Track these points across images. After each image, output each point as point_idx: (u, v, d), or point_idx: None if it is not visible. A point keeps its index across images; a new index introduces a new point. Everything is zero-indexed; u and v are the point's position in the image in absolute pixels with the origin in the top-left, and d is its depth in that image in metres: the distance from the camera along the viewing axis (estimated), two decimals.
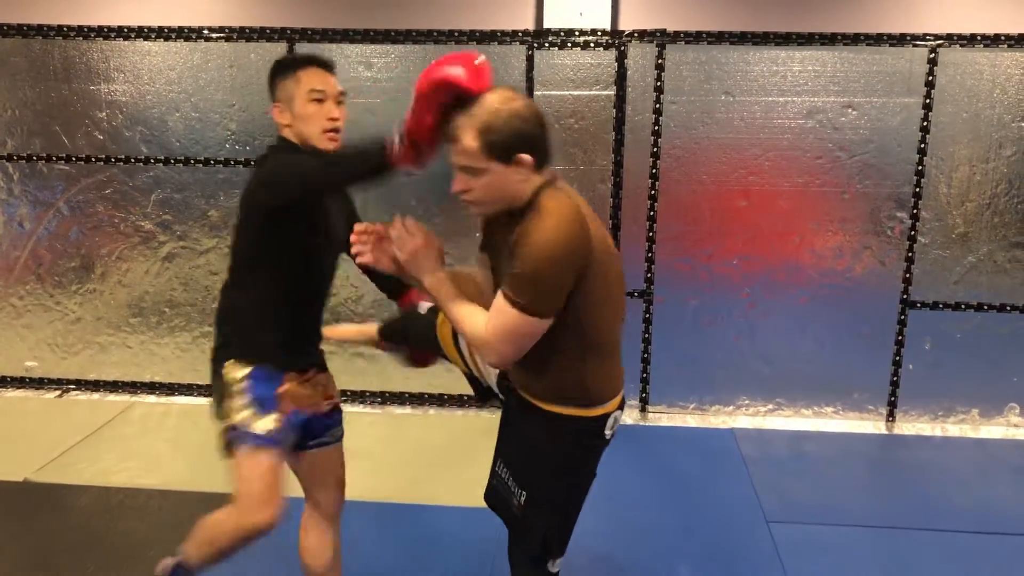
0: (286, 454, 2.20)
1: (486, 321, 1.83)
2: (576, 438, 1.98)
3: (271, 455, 2.11)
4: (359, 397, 4.58)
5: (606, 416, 1.98)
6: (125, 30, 4.31)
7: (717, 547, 3.22)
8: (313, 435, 2.32)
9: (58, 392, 4.67)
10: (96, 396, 4.63)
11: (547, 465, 1.99)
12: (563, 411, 1.94)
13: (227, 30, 4.29)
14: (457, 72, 1.75)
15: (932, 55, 4.05)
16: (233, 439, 2.13)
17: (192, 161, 4.39)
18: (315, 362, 2.35)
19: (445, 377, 4.51)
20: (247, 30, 4.28)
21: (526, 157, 1.78)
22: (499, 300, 1.81)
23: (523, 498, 1.99)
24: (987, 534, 3.34)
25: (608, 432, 1.99)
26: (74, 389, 4.69)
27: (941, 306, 4.27)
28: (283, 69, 2.25)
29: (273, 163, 2.17)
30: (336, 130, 2.20)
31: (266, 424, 2.11)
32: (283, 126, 2.24)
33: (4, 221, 4.54)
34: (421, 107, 1.79)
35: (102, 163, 4.43)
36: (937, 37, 4.05)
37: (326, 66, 2.24)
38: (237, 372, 2.15)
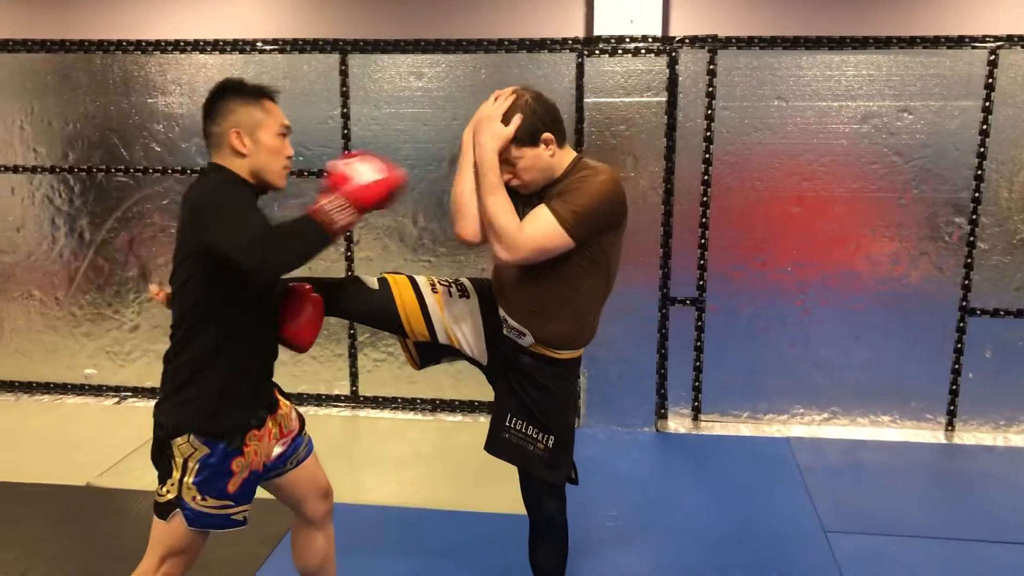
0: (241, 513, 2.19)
1: (521, 225, 2.14)
2: (575, 377, 2.43)
3: (201, 533, 2.14)
4: (410, 405, 4.61)
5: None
6: (181, 44, 4.40)
7: (775, 558, 3.17)
8: (272, 470, 2.29)
9: (116, 399, 4.76)
10: (153, 403, 4.69)
11: (566, 408, 2.40)
12: (568, 355, 2.34)
13: (280, 42, 4.36)
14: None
15: (992, 57, 3.97)
16: (171, 508, 2.10)
17: None
18: (269, 403, 2.25)
19: None
20: (300, 42, 4.34)
21: (548, 136, 2.19)
22: (544, 213, 2.14)
23: (551, 441, 2.34)
24: None
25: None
26: (131, 396, 4.77)
27: (1002, 313, 4.17)
28: (246, 93, 2.10)
29: (216, 201, 1.99)
30: (289, 167, 2.17)
31: (207, 506, 2.10)
32: (236, 153, 2.07)
33: (65, 232, 4.65)
34: (380, 194, 1.99)
35: (159, 174, 4.52)
36: (997, 39, 3.97)
37: (276, 101, 2.17)
38: (191, 450, 2.07)
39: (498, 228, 2.14)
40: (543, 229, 2.13)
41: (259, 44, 4.37)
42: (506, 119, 2.17)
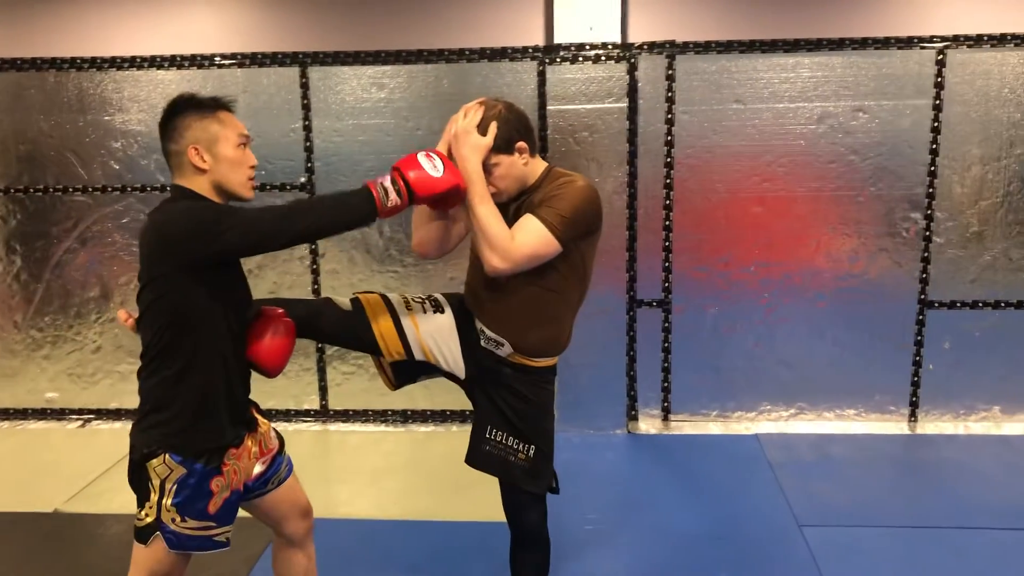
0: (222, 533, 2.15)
1: (512, 234, 2.15)
2: (551, 384, 2.42)
3: (182, 556, 2.10)
4: (381, 417, 4.59)
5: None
6: (138, 60, 4.35)
7: (752, 554, 3.22)
8: (254, 490, 2.26)
9: (80, 423, 4.67)
10: (118, 425, 4.63)
11: (545, 415, 2.40)
12: (545, 363, 2.35)
13: (239, 56, 4.33)
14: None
15: (940, 56, 4.08)
16: (151, 531, 2.06)
17: None
18: (247, 421, 2.22)
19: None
20: (259, 55, 4.31)
21: (522, 144, 2.23)
22: (532, 221, 2.16)
23: (532, 451, 2.35)
24: (1018, 530, 3.34)
25: None
26: (96, 419, 4.69)
27: (959, 305, 4.28)
28: (200, 107, 2.06)
29: (203, 210, 2.00)
30: (254, 177, 2.13)
31: (188, 527, 2.07)
32: (196, 170, 2.04)
33: (22, 254, 4.55)
34: (436, 189, 2.08)
35: (118, 192, 4.46)
36: (944, 39, 4.08)
37: (232, 111, 2.12)
38: (167, 471, 2.03)
39: (490, 237, 2.15)
40: (534, 236, 2.16)
41: (217, 59, 4.33)
42: (481, 129, 2.19)
